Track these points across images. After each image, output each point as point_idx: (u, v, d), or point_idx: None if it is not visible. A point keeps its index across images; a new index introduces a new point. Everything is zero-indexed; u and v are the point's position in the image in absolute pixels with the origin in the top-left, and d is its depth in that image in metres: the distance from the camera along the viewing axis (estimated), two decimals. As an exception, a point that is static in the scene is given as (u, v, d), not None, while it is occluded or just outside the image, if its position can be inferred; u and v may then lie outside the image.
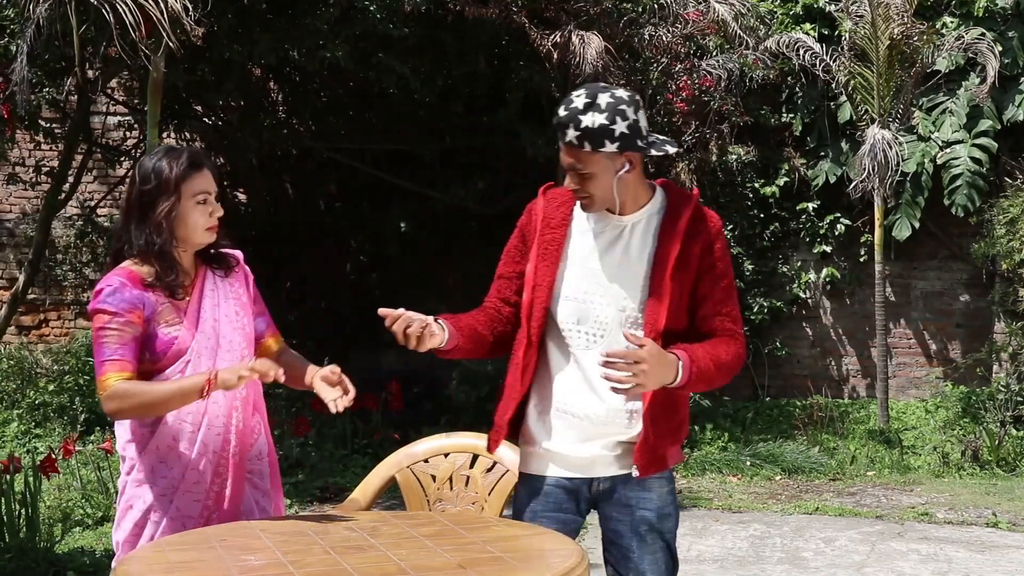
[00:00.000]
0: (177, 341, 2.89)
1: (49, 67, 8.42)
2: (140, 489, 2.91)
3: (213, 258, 3.05)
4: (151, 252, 2.89)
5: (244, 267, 3.14)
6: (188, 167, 2.92)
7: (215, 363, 2.93)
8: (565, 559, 2.46)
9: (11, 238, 11.27)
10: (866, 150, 8.80)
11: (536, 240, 2.96)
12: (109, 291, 2.85)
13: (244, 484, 3.01)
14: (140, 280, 2.89)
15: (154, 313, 2.89)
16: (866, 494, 7.45)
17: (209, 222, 2.97)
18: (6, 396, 9.29)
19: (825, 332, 10.36)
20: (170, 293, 2.91)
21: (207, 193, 2.96)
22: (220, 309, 3.00)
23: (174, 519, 2.90)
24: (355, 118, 10.23)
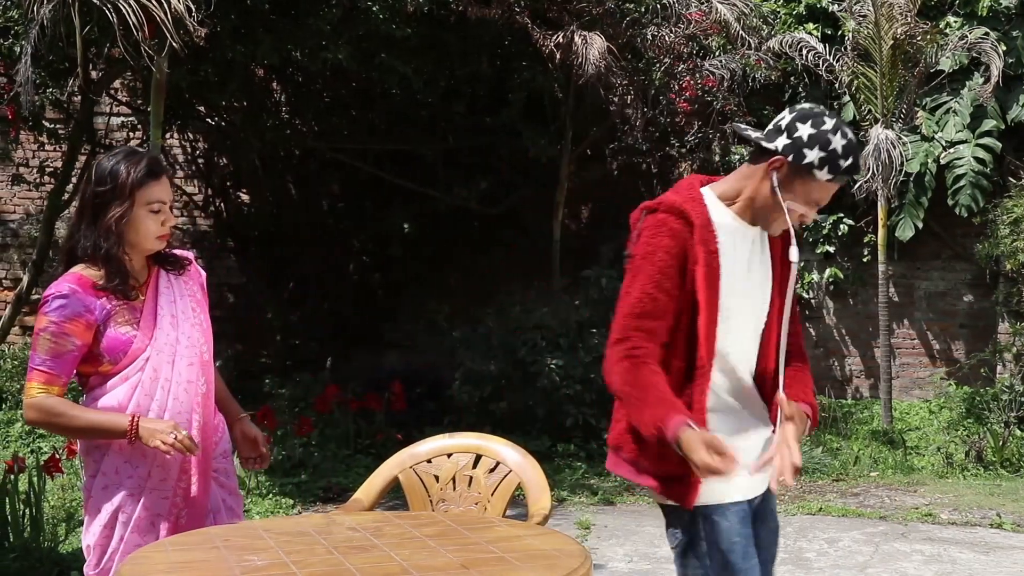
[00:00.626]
0: (136, 340, 2.89)
1: (53, 68, 8.44)
2: (106, 491, 2.90)
3: (165, 259, 3.05)
4: (98, 256, 2.88)
5: (196, 267, 3.14)
6: (145, 175, 2.90)
7: (175, 359, 2.93)
8: (568, 559, 2.46)
9: (15, 238, 11.28)
10: (869, 150, 8.79)
11: (700, 263, 2.69)
12: (57, 299, 2.84)
13: (210, 481, 3.02)
14: (91, 284, 2.88)
15: (108, 316, 2.88)
16: (870, 495, 7.44)
17: (161, 231, 2.94)
18: (10, 396, 9.30)
19: (828, 332, 10.35)
20: (123, 294, 2.90)
21: (161, 202, 2.93)
22: (176, 306, 2.99)
23: (143, 518, 2.89)
24: (358, 118, 10.24)
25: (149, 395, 2.89)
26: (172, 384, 2.91)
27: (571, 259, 10.31)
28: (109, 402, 2.89)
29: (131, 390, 2.89)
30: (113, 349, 2.87)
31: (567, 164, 9.54)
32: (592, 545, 6.02)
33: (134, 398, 2.89)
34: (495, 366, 8.47)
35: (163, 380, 2.91)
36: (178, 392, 2.92)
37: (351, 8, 7.80)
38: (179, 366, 2.93)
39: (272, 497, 7.01)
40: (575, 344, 8.48)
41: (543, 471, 3.29)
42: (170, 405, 2.91)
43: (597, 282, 8.87)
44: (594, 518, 6.67)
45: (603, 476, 7.77)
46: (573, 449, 8.18)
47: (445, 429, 8.27)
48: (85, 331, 2.85)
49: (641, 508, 7.04)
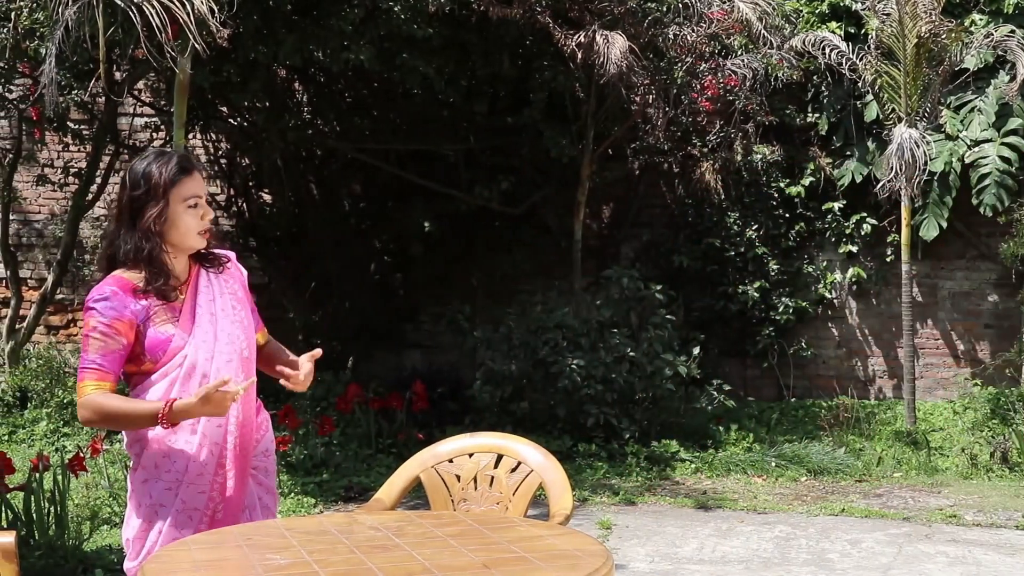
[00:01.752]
0: (174, 338, 2.93)
1: (77, 69, 8.50)
2: (146, 485, 2.95)
3: (205, 257, 3.08)
4: (140, 258, 2.91)
5: (237, 265, 3.17)
6: (177, 171, 2.92)
7: (214, 355, 2.96)
8: (590, 559, 2.45)
9: (40, 239, 11.37)
10: (893, 149, 8.74)
11: None
12: (100, 299, 2.88)
13: (247, 478, 3.04)
14: (131, 288, 2.91)
15: (148, 317, 2.92)
16: (893, 496, 7.40)
17: (201, 226, 2.98)
18: (35, 395, 9.37)
19: (851, 332, 10.30)
20: (162, 296, 2.93)
21: (197, 197, 2.96)
22: (216, 304, 3.02)
23: (180, 512, 2.93)
24: (379, 118, 10.26)
25: (187, 391, 2.92)
26: (210, 380, 2.94)
27: (592, 259, 10.31)
28: (150, 396, 2.93)
29: (169, 386, 2.93)
30: (154, 348, 2.92)
31: (588, 164, 9.53)
32: (613, 545, 6.01)
33: (174, 392, 2.93)
34: (516, 366, 8.47)
35: (200, 376, 2.94)
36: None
37: (373, 8, 7.82)
38: (218, 362, 2.96)
39: (294, 496, 7.04)
40: (596, 344, 8.47)
41: (564, 471, 3.29)
42: None
43: (618, 282, 8.85)
44: (615, 518, 6.66)
45: (624, 476, 7.77)
46: (594, 449, 8.17)
47: (466, 429, 8.28)
48: (128, 330, 2.89)
49: (662, 508, 7.03)
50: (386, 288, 11.01)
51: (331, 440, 8.14)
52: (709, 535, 6.34)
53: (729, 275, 10.09)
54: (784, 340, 10.13)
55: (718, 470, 8.01)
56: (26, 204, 11.30)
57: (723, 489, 7.55)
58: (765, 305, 10.03)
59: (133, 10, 5.90)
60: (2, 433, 8.95)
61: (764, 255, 10.06)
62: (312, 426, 8.21)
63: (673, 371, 8.45)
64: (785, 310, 10.02)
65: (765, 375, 10.31)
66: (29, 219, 11.37)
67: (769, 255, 10.08)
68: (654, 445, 8.29)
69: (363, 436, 8.38)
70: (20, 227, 11.27)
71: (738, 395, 10.00)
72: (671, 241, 10.35)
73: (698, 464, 8.10)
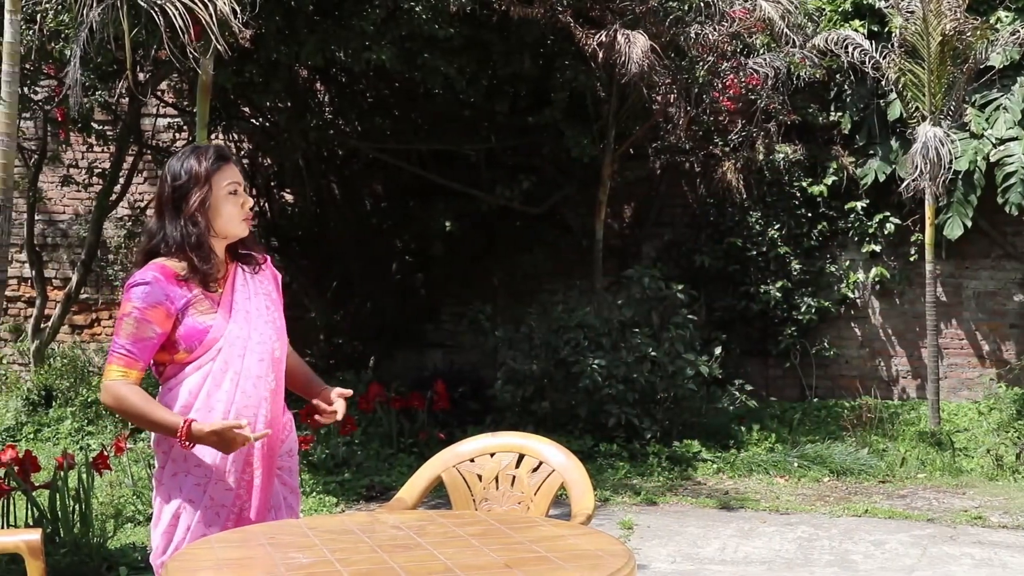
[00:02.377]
0: (212, 330, 2.96)
1: (101, 70, 8.56)
2: (175, 480, 2.97)
3: (241, 256, 3.12)
4: (187, 243, 2.96)
5: (272, 268, 3.22)
6: (216, 159, 3.01)
7: (246, 353, 2.98)
8: (612, 559, 2.45)
9: (64, 239, 11.45)
10: (917, 148, 8.69)
11: None
12: (140, 286, 2.92)
13: (274, 477, 3.06)
14: (173, 275, 2.95)
15: (187, 305, 2.95)
16: (917, 497, 7.35)
17: (243, 212, 3.05)
18: (60, 394, 9.43)
19: (874, 332, 10.24)
20: (203, 285, 2.97)
21: (236, 184, 3.04)
22: (251, 302, 3.06)
23: (208, 508, 2.95)
24: (401, 118, 10.28)
25: (218, 385, 2.95)
26: (241, 378, 2.96)
27: (613, 258, 10.29)
28: (182, 391, 2.95)
29: (202, 379, 2.95)
30: (189, 337, 2.94)
31: (609, 163, 9.52)
32: (635, 545, 6.00)
33: (204, 388, 2.95)
34: (537, 365, 8.47)
35: (232, 373, 2.96)
36: (246, 386, 2.97)
37: (394, 9, 7.83)
38: (249, 361, 2.98)
39: (316, 495, 7.06)
40: (617, 343, 8.46)
41: (586, 471, 3.28)
42: (237, 399, 2.96)
43: (640, 281, 8.84)
44: (637, 518, 6.65)
45: (646, 476, 7.75)
46: (615, 449, 8.16)
47: (487, 428, 8.28)
48: (165, 319, 2.92)
49: (684, 508, 7.01)
50: (407, 288, 11.03)
51: (353, 439, 8.16)
52: (731, 535, 6.32)
53: (751, 275, 10.06)
54: (806, 340, 10.09)
55: (740, 470, 7.98)
56: (51, 204, 11.39)
57: (745, 489, 7.52)
58: (787, 305, 9.99)
59: (156, 11, 5.93)
60: (28, 431, 9.02)
61: (786, 254, 10.02)
62: (334, 425, 8.21)
63: (695, 371, 8.43)
64: (808, 310, 9.98)
65: (787, 375, 10.27)
66: (54, 219, 11.45)
67: (791, 254, 10.04)
68: (675, 445, 8.27)
69: (384, 436, 8.39)
70: (45, 227, 11.35)
71: (760, 395, 9.96)
72: (693, 240, 10.32)
73: (720, 464, 8.08)
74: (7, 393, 9.84)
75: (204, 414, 2.94)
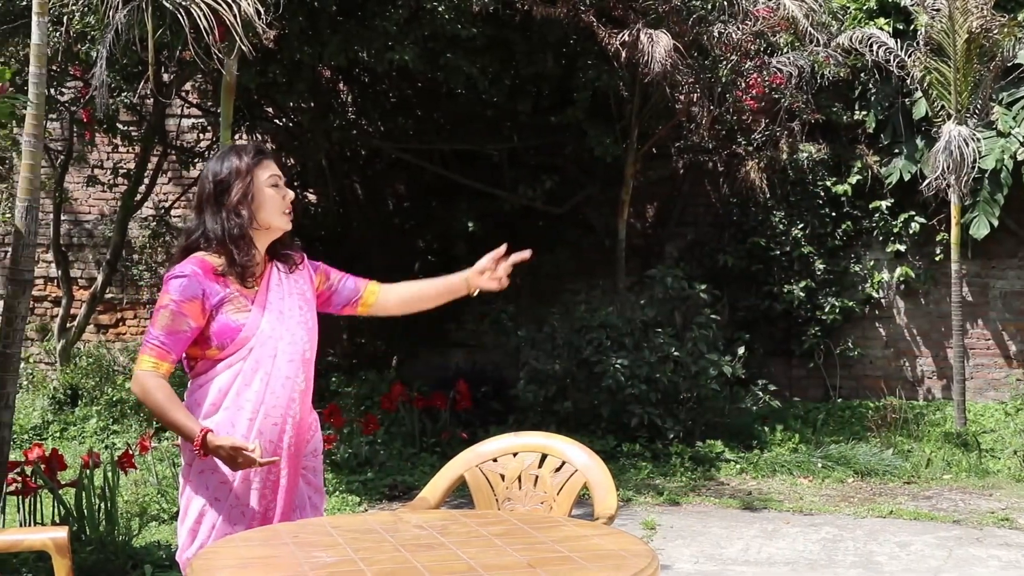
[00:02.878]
0: (244, 328, 2.98)
1: (126, 71, 8.61)
2: (202, 477, 2.98)
3: (279, 256, 3.14)
4: (228, 236, 2.99)
5: (309, 267, 3.23)
6: (256, 154, 3.06)
7: (277, 353, 3.00)
8: (635, 559, 2.44)
9: (90, 239, 11.53)
10: (942, 147, 8.63)
11: None
12: (178, 276, 2.95)
13: (299, 478, 3.07)
14: (212, 269, 2.98)
15: (222, 302, 2.97)
16: (942, 498, 7.30)
17: (284, 205, 3.09)
18: (85, 393, 9.51)
19: (899, 332, 10.18)
20: (240, 280, 2.99)
21: (277, 177, 3.09)
22: (284, 302, 3.08)
23: (233, 507, 2.96)
24: (423, 118, 10.29)
25: (248, 384, 2.97)
26: (271, 378, 2.98)
27: (636, 258, 10.27)
28: (212, 388, 2.98)
29: (232, 377, 2.98)
30: (222, 334, 2.97)
31: (632, 163, 9.50)
32: (658, 546, 5.99)
33: (234, 386, 2.97)
34: (560, 365, 8.47)
35: (263, 373, 2.98)
36: (275, 386, 2.99)
37: (417, 9, 7.84)
38: (280, 361, 3.00)
39: (339, 495, 7.08)
40: (640, 343, 8.44)
41: (608, 471, 3.28)
42: (267, 399, 2.98)
43: (662, 281, 8.82)
44: (660, 518, 6.63)
45: (668, 476, 7.73)
46: (638, 449, 8.14)
47: (510, 428, 8.28)
48: (200, 314, 2.95)
49: (707, 509, 6.99)
50: (430, 288, 11.02)
51: (375, 439, 8.17)
52: (755, 536, 6.29)
53: (774, 274, 10.02)
54: (830, 340, 10.04)
55: (763, 471, 7.95)
56: (77, 205, 11.47)
57: (768, 490, 7.49)
58: (811, 305, 9.94)
59: (181, 12, 5.97)
60: (54, 430, 9.09)
61: (810, 254, 9.97)
62: (357, 425, 8.25)
63: (718, 371, 8.40)
64: (832, 310, 9.93)
65: (811, 375, 10.22)
66: (80, 219, 11.53)
67: (815, 254, 9.99)
68: (698, 445, 8.25)
69: (407, 435, 8.41)
70: (71, 227, 11.43)
71: (783, 395, 9.92)
72: (716, 240, 10.29)
73: (743, 465, 8.05)
74: (34, 392, 9.92)
75: (233, 412, 2.95)
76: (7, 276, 5.41)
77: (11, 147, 9.31)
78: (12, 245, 5.28)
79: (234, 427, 2.95)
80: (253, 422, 2.97)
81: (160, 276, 11.27)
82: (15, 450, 7.21)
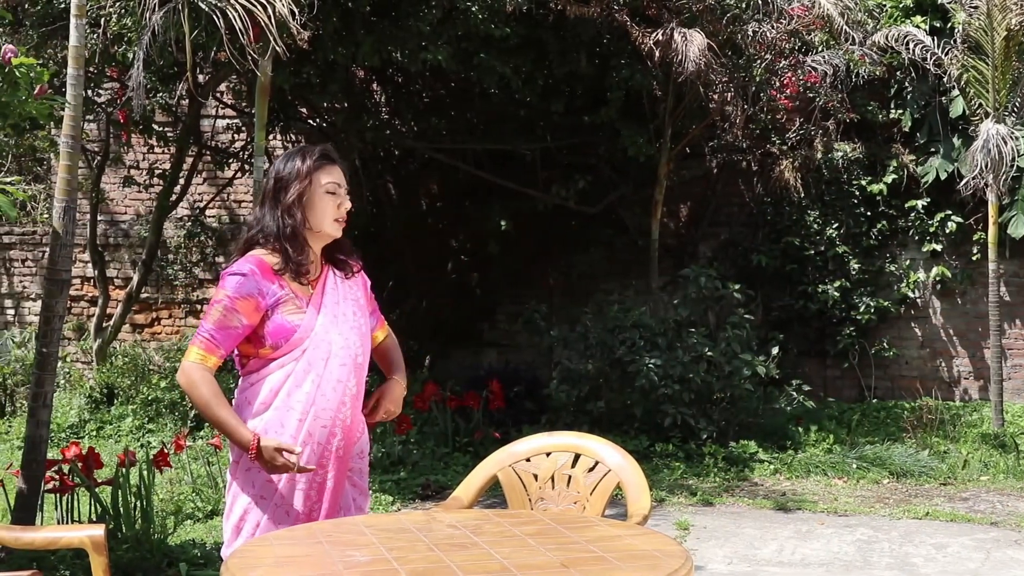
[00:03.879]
0: (299, 330, 3.00)
1: (162, 73, 8.69)
2: (248, 475, 3.01)
3: (337, 262, 3.17)
4: (282, 234, 3.02)
5: (362, 273, 3.26)
6: (320, 158, 3.09)
7: (329, 357, 3.01)
8: (669, 560, 2.43)
9: (126, 239, 11.64)
10: (979, 145, 8.54)
11: None
12: (235, 276, 2.98)
13: (345, 480, 3.08)
14: (269, 269, 3.01)
15: (278, 302, 3.00)
16: (980, 499, 7.22)
17: (337, 213, 3.10)
18: (121, 392, 9.60)
19: (935, 332, 10.08)
20: (296, 279, 3.02)
21: (336, 184, 3.10)
22: (340, 307, 3.10)
23: (278, 507, 2.98)
24: (456, 118, 10.31)
25: (299, 385, 2.99)
26: (322, 380, 3.00)
27: (669, 258, 10.23)
28: (264, 387, 3.00)
29: (284, 378, 3.00)
30: (276, 334, 2.99)
31: (666, 162, 9.47)
32: (691, 546, 5.96)
33: (285, 386, 2.99)
34: (593, 365, 8.45)
35: (314, 375, 3.00)
36: (326, 389, 3.00)
37: (450, 9, 7.86)
38: (332, 364, 3.02)
39: (372, 494, 7.10)
40: (673, 343, 8.41)
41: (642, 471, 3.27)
42: (317, 400, 3.00)
43: (696, 281, 8.78)
44: (693, 519, 6.61)
45: (702, 476, 7.70)
46: (671, 449, 8.12)
47: (542, 428, 8.29)
48: (254, 312, 2.98)
49: (741, 509, 6.95)
50: (463, 287, 11.06)
51: (408, 438, 8.20)
52: (789, 537, 6.26)
53: (809, 274, 9.96)
54: (865, 340, 9.96)
55: (797, 471, 7.90)
56: (113, 205, 11.58)
57: (803, 491, 7.44)
58: (846, 304, 9.87)
59: (216, 14, 6.01)
60: (90, 429, 9.19)
61: (845, 254, 9.90)
62: (390, 424, 8.28)
63: (751, 371, 8.35)
64: (866, 310, 9.85)
65: (846, 375, 10.15)
66: (116, 219, 11.64)
67: (850, 254, 9.92)
68: (732, 446, 8.21)
69: (440, 435, 8.43)
70: (107, 227, 11.54)
71: (818, 396, 9.85)
72: (749, 240, 10.24)
73: (777, 465, 8.00)
74: (71, 391, 10.03)
75: (283, 412, 2.97)
76: (45, 276, 5.46)
77: (49, 148, 9.41)
78: (50, 245, 5.33)
79: (283, 427, 2.97)
80: (303, 423, 2.98)
81: (195, 276, 11.38)
82: (53, 448, 7.29)
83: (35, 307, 11.30)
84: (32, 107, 4.60)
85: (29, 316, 11.51)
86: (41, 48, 8.12)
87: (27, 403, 6.17)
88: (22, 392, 10.02)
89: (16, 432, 9.02)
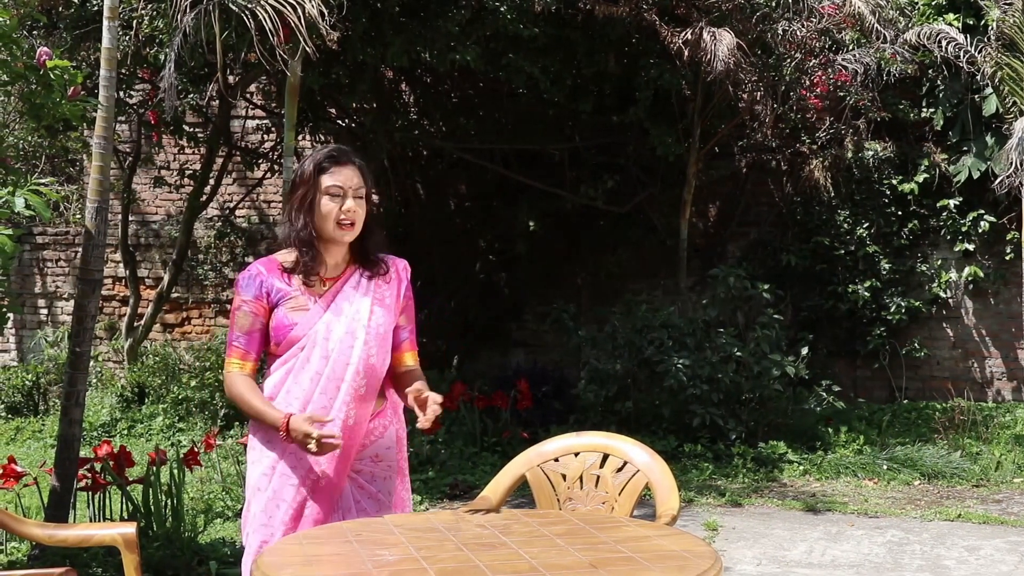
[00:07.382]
0: (296, 327, 3.02)
1: (193, 74, 8.75)
2: (252, 467, 3.07)
3: (368, 261, 3.14)
4: (292, 238, 3.05)
5: (400, 275, 3.21)
6: (324, 160, 3.06)
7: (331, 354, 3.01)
8: (698, 560, 2.43)
9: (157, 239, 11.73)
10: (1013, 143, 8.45)
11: None
12: (244, 277, 3.06)
13: (344, 480, 3.06)
14: (278, 266, 3.06)
15: (283, 299, 3.03)
16: (1013, 502, 7.15)
17: (339, 215, 3.04)
18: (152, 391, 9.67)
19: (967, 333, 9.99)
20: (305, 278, 3.03)
21: (340, 188, 3.04)
22: (353, 306, 3.07)
23: (270, 500, 3.02)
24: (485, 118, 10.32)
25: (298, 383, 3.01)
26: (322, 378, 3.00)
27: (698, 258, 10.20)
28: (267, 384, 3.07)
29: (285, 375, 3.04)
30: (277, 331, 3.04)
31: (695, 162, 9.44)
32: (720, 547, 5.94)
33: (285, 384, 3.03)
34: (621, 365, 8.44)
35: (313, 372, 3.01)
36: (327, 387, 3.01)
37: (479, 9, 7.87)
38: (336, 363, 3.02)
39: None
40: (702, 343, 8.38)
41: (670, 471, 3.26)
42: (315, 398, 3.01)
43: (725, 280, 8.74)
44: (721, 519, 6.58)
45: (731, 477, 7.67)
46: (700, 449, 8.09)
47: (571, 428, 8.27)
48: (265, 311, 3.05)
49: (770, 510, 6.92)
50: (491, 287, 11.06)
51: (436, 438, 8.21)
52: (818, 538, 6.22)
53: (839, 274, 9.90)
54: (896, 340, 9.88)
55: (827, 472, 7.85)
56: (144, 205, 11.67)
57: (832, 492, 7.39)
58: (876, 305, 9.80)
59: (247, 15, 6.04)
60: (122, 427, 9.27)
61: (875, 253, 9.83)
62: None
63: (781, 371, 8.31)
64: (897, 310, 9.78)
65: (876, 376, 10.08)
66: (147, 220, 11.73)
67: (880, 254, 9.85)
68: (761, 446, 8.17)
69: (468, 434, 8.43)
70: (138, 227, 11.64)
71: (848, 396, 9.79)
72: (779, 239, 10.19)
73: (806, 466, 7.95)
74: (103, 390, 10.12)
75: (282, 408, 3.00)
76: (77, 276, 5.52)
77: (81, 149, 9.49)
78: (82, 245, 5.38)
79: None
80: None
81: (225, 276, 11.45)
82: (85, 447, 7.36)
83: (68, 307, 11.40)
84: (66, 109, 4.65)
85: (62, 316, 11.61)
86: (75, 50, 8.20)
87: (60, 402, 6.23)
88: (55, 391, 10.12)
89: (49, 431, 9.11)
